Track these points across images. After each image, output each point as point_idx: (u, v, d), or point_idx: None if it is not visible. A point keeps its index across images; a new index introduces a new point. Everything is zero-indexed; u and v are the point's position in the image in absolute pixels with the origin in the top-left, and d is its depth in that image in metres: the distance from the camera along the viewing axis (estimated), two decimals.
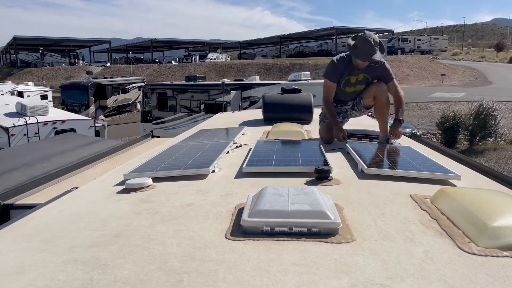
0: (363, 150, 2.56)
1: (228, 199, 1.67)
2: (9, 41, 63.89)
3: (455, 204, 1.40)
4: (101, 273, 1.05)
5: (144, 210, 1.57)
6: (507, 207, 1.28)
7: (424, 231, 1.29)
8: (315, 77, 22.86)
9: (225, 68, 48.13)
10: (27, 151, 4.07)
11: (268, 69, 44.71)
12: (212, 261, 1.09)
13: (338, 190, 1.77)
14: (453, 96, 25.78)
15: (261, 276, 1.00)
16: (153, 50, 71.97)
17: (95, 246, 1.23)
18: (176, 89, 17.08)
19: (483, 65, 48.03)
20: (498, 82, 33.85)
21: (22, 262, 1.15)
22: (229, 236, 1.26)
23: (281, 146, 2.68)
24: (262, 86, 15.03)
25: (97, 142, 4.64)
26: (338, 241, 1.20)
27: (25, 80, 34.99)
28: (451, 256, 1.11)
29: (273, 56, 66.61)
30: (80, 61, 64.63)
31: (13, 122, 9.80)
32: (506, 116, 18.53)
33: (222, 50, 78.62)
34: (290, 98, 4.75)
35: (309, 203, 1.32)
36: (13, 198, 2.52)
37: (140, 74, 46.68)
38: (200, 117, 14.86)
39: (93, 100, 27.35)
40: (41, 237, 1.35)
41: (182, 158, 2.38)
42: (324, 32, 65.89)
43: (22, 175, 2.93)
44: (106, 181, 2.15)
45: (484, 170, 2.45)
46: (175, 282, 0.99)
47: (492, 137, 14.58)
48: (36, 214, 1.66)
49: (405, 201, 1.61)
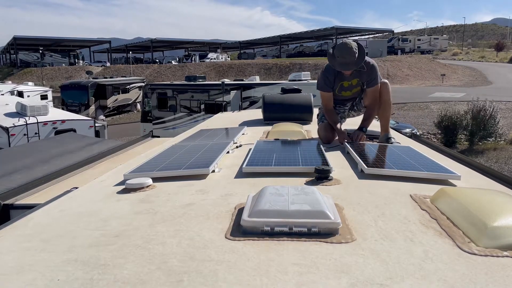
0: (363, 150, 2.57)
1: (228, 199, 1.67)
2: (9, 41, 63.90)
3: (455, 204, 1.40)
4: (101, 273, 1.05)
5: (144, 210, 1.57)
6: (507, 207, 1.28)
7: (424, 231, 1.29)
8: (315, 77, 22.89)
9: (225, 68, 48.13)
10: (26, 151, 4.08)
11: (268, 69, 44.71)
12: (212, 261, 1.09)
13: (338, 190, 1.77)
14: (453, 96, 25.79)
15: (261, 276, 1.00)
16: (153, 50, 71.97)
17: (95, 246, 1.23)
18: (176, 89, 17.09)
19: (483, 65, 48.04)
20: (498, 82, 33.85)
21: (22, 262, 1.15)
22: (229, 236, 1.26)
23: (281, 146, 2.68)
24: (262, 86, 15.05)
25: (97, 143, 4.64)
26: (338, 241, 1.20)
27: (25, 80, 35.02)
28: (451, 256, 1.11)
29: (273, 56, 66.60)
30: (80, 61, 64.65)
31: (13, 122, 9.80)
32: (506, 116, 18.53)
33: (222, 50, 78.64)
34: (290, 98, 4.75)
35: (309, 203, 1.32)
36: (13, 198, 2.51)
37: (140, 74, 46.70)
38: (200, 117, 14.87)
39: (93, 100, 27.37)
40: (41, 237, 1.35)
41: (182, 158, 2.38)
42: (324, 32, 65.91)
43: (22, 178, 2.93)
44: (106, 181, 2.15)
45: (484, 170, 2.45)
46: (175, 282, 0.99)
47: (492, 137, 14.58)
48: (36, 214, 1.66)
49: (405, 201, 1.61)
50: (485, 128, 14.23)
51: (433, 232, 1.28)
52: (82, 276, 1.04)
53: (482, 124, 14.18)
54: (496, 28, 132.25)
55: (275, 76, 40.71)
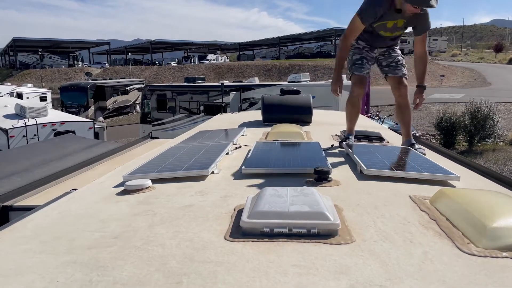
0: (362, 151, 2.57)
1: (227, 200, 1.67)
2: (8, 42, 63.91)
3: (454, 205, 1.40)
4: (100, 275, 1.04)
5: (143, 211, 1.57)
6: (506, 208, 1.28)
7: (423, 232, 1.29)
8: (314, 78, 22.92)
9: (224, 69, 48.16)
10: (25, 153, 4.07)
11: (267, 71, 44.75)
12: (211, 262, 1.09)
13: (338, 191, 1.77)
14: (452, 97, 25.82)
15: (261, 277, 1.00)
16: (152, 51, 72.02)
17: (94, 248, 1.23)
18: (175, 91, 17.10)
19: (482, 66, 48.11)
20: (497, 83, 33.90)
21: (21, 264, 1.15)
22: (228, 237, 1.26)
23: (280, 147, 2.68)
24: (261, 88, 15.05)
25: (96, 144, 4.64)
26: (337, 242, 1.20)
27: (24, 82, 34.98)
28: (451, 257, 1.11)
29: (272, 57, 66.69)
30: (79, 62, 64.69)
31: (12, 123, 9.78)
32: (505, 117, 18.56)
33: (222, 52, 78.72)
34: (289, 99, 4.75)
35: (309, 204, 1.32)
36: (12, 199, 2.51)
37: (139, 75, 46.70)
38: (200, 119, 14.87)
39: (92, 102, 27.36)
40: (40, 239, 1.35)
41: (181, 160, 2.38)
42: (323, 33, 66.04)
43: (21, 179, 2.93)
44: (105, 183, 2.15)
45: (483, 171, 2.45)
46: (174, 283, 0.99)
47: (491, 138, 14.60)
48: (35, 215, 1.66)
49: (404, 202, 1.61)
50: (484, 129, 14.25)
51: (432, 233, 1.28)
52: (81, 278, 1.04)
53: (480, 124, 14.20)
54: (495, 29, 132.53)
55: (274, 77, 40.75)
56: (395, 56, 3.05)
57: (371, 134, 3.35)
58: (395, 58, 3.03)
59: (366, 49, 3.02)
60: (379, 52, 3.07)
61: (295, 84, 13.67)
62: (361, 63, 2.99)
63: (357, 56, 3.02)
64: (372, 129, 3.73)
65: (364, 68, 2.99)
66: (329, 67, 41.30)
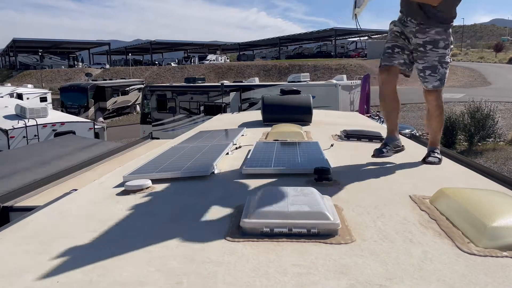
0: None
1: (227, 200, 1.67)
2: (8, 43, 63.94)
3: (454, 204, 1.40)
4: (101, 275, 1.04)
5: (143, 211, 1.57)
6: (506, 208, 1.28)
7: (423, 231, 1.29)
8: (314, 78, 22.93)
9: (224, 69, 48.16)
10: (26, 154, 4.07)
11: (267, 71, 44.75)
12: (212, 262, 1.09)
13: (338, 191, 1.77)
14: (453, 97, 25.80)
15: (261, 277, 1.00)
16: (153, 52, 72.05)
17: (94, 248, 1.23)
18: (176, 91, 17.11)
19: (482, 65, 48.06)
20: (497, 83, 33.87)
21: (22, 264, 1.15)
22: (228, 237, 1.26)
23: (280, 147, 2.68)
24: (261, 88, 15.05)
25: (96, 145, 4.64)
26: (337, 242, 1.20)
27: (25, 83, 34.98)
28: (451, 256, 1.11)
29: (272, 57, 66.70)
30: (79, 63, 64.71)
31: (12, 124, 9.79)
32: (506, 117, 18.54)
33: (222, 52, 78.71)
34: (289, 100, 4.75)
35: (309, 204, 1.32)
36: (13, 200, 2.51)
37: (140, 76, 46.70)
38: (200, 119, 14.87)
39: (93, 102, 27.36)
40: (41, 239, 1.35)
41: (181, 160, 2.38)
42: (323, 33, 66.06)
43: (21, 180, 2.93)
44: (105, 183, 2.15)
45: (483, 170, 2.45)
46: (174, 283, 0.99)
47: (491, 137, 14.60)
48: (36, 216, 1.66)
49: (404, 201, 1.61)
50: (484, 129, 14.25)
51: (432, 232, 1.28)
52: (81, 278, 1.04)
53: (480, 124, 14.20)
54: (495, 29, 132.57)
55: (274, 77, 40.73)
56: (429, 59, 2.43)
57: (371, 134, 3.35)
58: (428, 62, 2.44)
59: (403, 37, 2.53)
60: (414, 45, 2.46)
61: (295, 84, 13.67)
62: (391, 52, 2.54)
63: (389, 44, 2.58)
64: (372, 129, 3.73)
65: (395, 58, 2.53)
66: (329, 67, 41.33)
